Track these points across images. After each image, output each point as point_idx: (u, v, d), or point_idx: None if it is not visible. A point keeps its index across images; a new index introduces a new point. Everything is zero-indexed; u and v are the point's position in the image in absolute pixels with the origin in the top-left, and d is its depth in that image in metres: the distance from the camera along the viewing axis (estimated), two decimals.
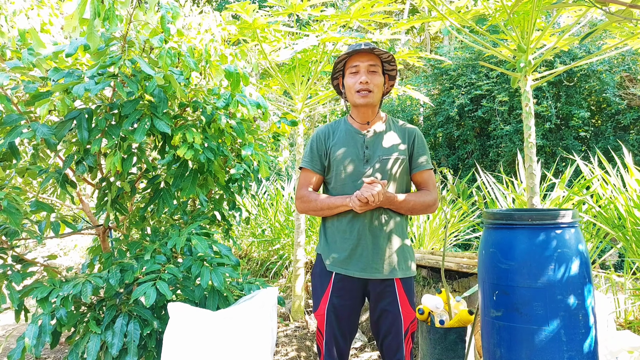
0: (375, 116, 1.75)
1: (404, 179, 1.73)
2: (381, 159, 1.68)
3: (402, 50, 3.52)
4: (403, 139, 1.73)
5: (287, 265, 4.71)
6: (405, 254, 1.72)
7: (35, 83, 1.92)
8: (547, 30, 2.59)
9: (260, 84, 4.19)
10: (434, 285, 3.09)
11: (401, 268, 1.69)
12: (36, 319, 1.72)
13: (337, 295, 1.69)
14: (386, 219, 1.68)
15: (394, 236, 1.69)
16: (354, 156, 1.70)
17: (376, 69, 1.67)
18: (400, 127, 1.76)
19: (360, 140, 1.72)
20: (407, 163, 1.72)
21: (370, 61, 1.67)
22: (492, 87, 6.42)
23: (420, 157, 1.73)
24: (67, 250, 6.46)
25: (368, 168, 1.68)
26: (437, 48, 12.31)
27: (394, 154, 1.69)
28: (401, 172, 1.70)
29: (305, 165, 1.79)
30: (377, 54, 1.68)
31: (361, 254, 1.66)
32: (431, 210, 1.73)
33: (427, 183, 1.73)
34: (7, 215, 1.69)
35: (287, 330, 3.33)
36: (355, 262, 1.66)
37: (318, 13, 3.24)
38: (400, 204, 1.65)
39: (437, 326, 2.31)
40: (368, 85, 1.66)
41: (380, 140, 1.72)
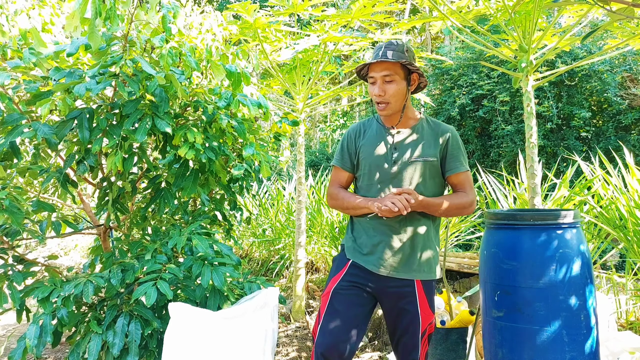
0: (405, 118, 1.71)
1: (436, 181, 1.69)
2: (410, 161, 1.65)
3: None
4: (435, 140, 1.69)
5: (288, 265, 4.71)
6: (429, 257, 1.69)
7: (36, 82, 1.92)
8: (549, 30, 2.58)
9: (261, 84, 4.19)
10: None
11: (423, 270, 1.67)
12: (37, 318, 1.72)
13: (349, 280, 1.66)
14: (414, 222, 1.65)
15: (420, 239, 1.66)
16: (382, 157, 1.68)
17: (392, 77, 1.62)
18: (433, 128, 1.71)
19: (390, 141, 1.70)
20: (439, 165, 1.68)
21: (384, 71, 1.61)
22: (493, 87, 6.41)
23: (455, 159, 1.68)
24: (68, 250, 6.46)
25: (395, 170, 1.66)
26: (438, 48, 12.30)
27: (423, 157, 1.65)
28: (431, 174, 1.67)
29: (336, 163, 1.80)
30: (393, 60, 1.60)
31: (383, 252, 1.65)
32: (468, 211, 1.70)
33: (463, 185, 1.69)
34: (9, 215, 1.69)
35: (288, 330, 3.33)
36: (376, 258, 1.65)
37: (319, 13, 3.23)
38: (433, 207, 1.62)
39: (439, 326, 2.30)
40: (383, 98, 1.63)
41: (411, 142, 1.69)
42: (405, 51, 1.62)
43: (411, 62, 1.61)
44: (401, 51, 1.61)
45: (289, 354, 2.91)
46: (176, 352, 1.59)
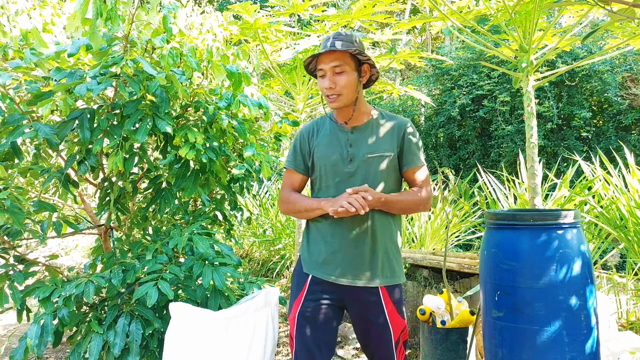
0: (358, 113, 1.61)
1: (394, 177, 1.60)
2: (366, 157, 1.56)
3: (404, 50, 3.52)
4: (392, 134, 1.59)
5: (289, 265, 4.71)
6: (391, 259, 1.58)
7: (37, 83, 1.92)
8: (549, 30, 2.58)
9: (262, 84, 4.19)
10: (435, 286, 3.09)
11: (385, 275, 1.55)
12: (38, 318, 1.72)
13: (312, 299, 1.55)
14: (372, 222, 1.54)
15: (380, 240, 1.55)
16: (337, 155, 1.58)
17: (343, 68, 1.52)
18: (389, 122, 1.62)
19: (344, 138, 1.60)
20: (397, 160, 1.59)
21: (334, 62, 1.52)
22: (493, 87, 6.42)
23: (412, 153, 1.59)
24: (69, 250, 6.47)
25: (352, 168, 1.56)
26: (439, 48, 12.30)
27: (380, 152, 1.56)
28: (389, 170, 1.57)
29: (288, 165, 1.70)
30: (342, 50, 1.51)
31: (342, 259, 1.53)
32: (424, 208, 1.61)
33: (419, 180, 1.59)
34: (10, 215, 1.69)
35: (288, 330, 3.34)
36: (335, 266, 1.54)
37: (319, 13, 3.24)
38: (392, 204, 1.52)
39: (439, 326, 2.31)
40: (334, 90, 1.53)
41: (366, 137, 1.59)
42: (354, 41, 1.54)
43: (361, 52, 1.52)
44: (350, 41, 1.52)
45: (289, 354, 2.91)
46: (177, 352, 1.60)
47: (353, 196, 1.43)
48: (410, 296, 3.15)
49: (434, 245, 3.94)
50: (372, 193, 1.46)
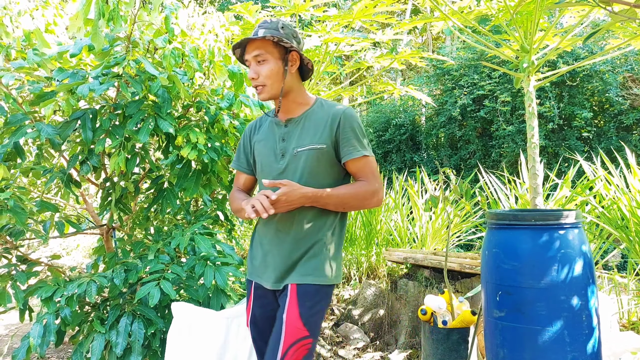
0: (293, 104, 1.49)
1: (332, 171, 1.45)
2: (296, 151, 1.43)
3: (405, 51, 3.52)
4: (326, 125, 1.44)
5: None
6: (320, 260, 1.41)
7: (40, 83, 1.93)
8: (550, 30, 2.59)
9: None
10: (436, 286, 3.09)
11: (301, 273, 1.39)
12: (41, 318, 1.73)
13: (258, 305, 1.47)
14: (299, 220, 1.41)
15: (310, 239, 1.41)
16: (271, 151, 1.49)
17: (264, 56, 1.42)
18: (326, 111, 1.47)
19: (279, 133, 1.49)
20: (333, 152, 1.44)
21: (255, 50, 1.42)
22: (494, 87, 6.42)
23: (348, 143, 1.43)
24: (70, 250, 6.47)
25: (283, 164, 1.45)
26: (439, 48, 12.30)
27: (309, 145, 1.43)
28: (324, 164, 1.43)
29: (232, 165, 1.63)
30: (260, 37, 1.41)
31: (273, 262, 1.43)
32: (372, 203, 1.45)
33: (362, 172, 1.44)
34: (13, 215, 1.70)
35: None
36: (269, 271, 1.44)
37: (321, 13, 3.24)
38: (324, 199, 1.38)
39: (440, 326, 2.31)
40: (257, 81, 1.44)
41: (298, 130, 1.47)
42: (281, 28, 1.43)
43: (282, 39, 1.40)
44: (274, 28, 1.42)
45: None
46: (179, 351, 1.60)
47: (255, 197, 1.32)
48: (412, 296, 3.15)
49: (435, 245, 3.94)
50: (291, 190, 1.33)
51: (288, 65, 1.45)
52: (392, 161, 8.13)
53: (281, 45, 1.43)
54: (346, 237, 4.31)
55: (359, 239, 4.25)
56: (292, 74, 1.47)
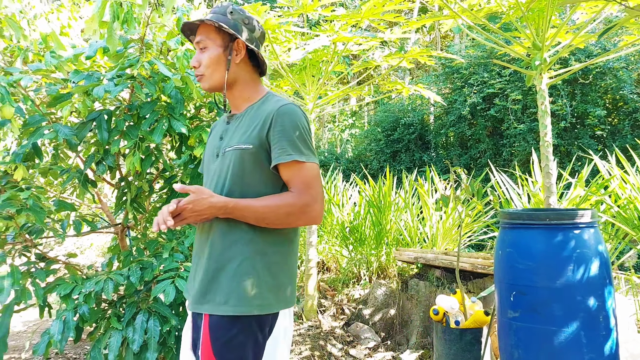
0: (240, 99, 1.33)
1: (261, 177, 1.22)
2: (225, 151, 1.25)
3: (413, 49, 3.51)
4: (257, 122, 1.24)
5: (299, 264, 4.73)
6: (237, 283, 1.16)
7: (56, 85, 1.96)
8: (563, 27, 2.56)
9: (271, 85, 4.21)
10: (448, 286, 3.08)
11: (215, 300, 1.16)
12: (60, 314, 1.76)
13: (187, 326, 1.29)
14: (220, 235, 1.20)
15: (226, 258, 1.18)
16: (210, 151, 1.35)
17: (205, 43, 1.28)
18: (265, 107, 1.27)
19: (221, 130, 1.34)
20: (262, 154, 1.21)
21: (198, 37, 1.29)
22: (505, 85, 6.37)
23: (278, 145, 1.19)
24: (84, 249, 6.56)
25: (216, 164, 1.28)
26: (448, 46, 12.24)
27: (236, 145, 1.23)
28: (249, 167, 1.21)
29: (200, 168, 1.47)
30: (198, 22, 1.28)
31: (194, 279, 1.25)
32: (301, 219, 1.20)
33: (292, 181, 1.20)
34: (32, 214, 1.73)
35: (301, 329, 3.35)
36: (190, 285, 1.28)
37: (329, 13, 3.24)
38: (239, 211, 1.16)
39: (453, 327, 2.30)
40: (197, 69, 1.30)
41: (236, 127, 1.29)
42: (229, 13, 1.27)
43: (222, 25, 1.24)
44: (222, 13, 1.27)
45: (302, 353, 2.92)
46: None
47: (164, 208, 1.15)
48: (423, 296, 3.15)
49: (445, 245, 3.93)
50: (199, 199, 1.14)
51: (232, 54, 1.28)
52: (400, 161, 8.11)
53: (226, 32, 1.27)
54: (355, 237, 4.31)
55: (369, 238, 4.25)
56: (239, 64, 1.29)
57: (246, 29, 1.29)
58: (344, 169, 8.26)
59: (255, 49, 1.30)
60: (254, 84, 1.34)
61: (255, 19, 1.32)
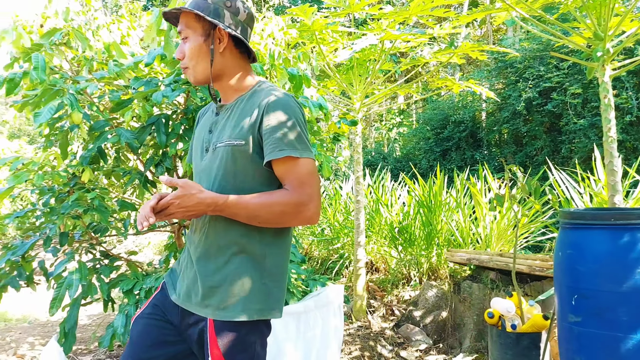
0: (229, 89, 1.24)
1: (255, 174, 1.15)
2: (214, 147, 1.19)
3: (464, 45, 3.41)
4: (249, 116, 1.16)
5: (348, 264, 4.72)
6: (238, 287, 1.11)
7: (118, 91, 2.08)
8: (627, 15, 2.40)
9: (318, 85, 4.25)
10: (503, 289, 2.97)
11: (219, 306, 1.11)
12: (123, 309, 1.86)
13: (154, 303, 1.25)
14: (216, 233, 1.15)
15: (224, 258, 1.14)
16: (199, 144, 1.27)
17: (187, 33, 1.19)
18: (256, 99, 1.18)
19: (210, 122, 1.26)
20: (255, 150, 1.14)
21: (180, 26, 1.21)
22: (563, 79, 6.04)
23: (271, 140, 1.11)
24: (142, 247, 6.92)
25: (205, 160, 1.22)
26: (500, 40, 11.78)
27: (227, 140, 1.16)
28: (241, 163, 1.14)
29: (187, 159, 1.42)
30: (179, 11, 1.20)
31: (183, 271, 1.23)
32: (296, 219, 1.13)
33: (286, 177, 1.12)
34: (98, 214, 1.85)
35: (350, 329, 3.35)
36: (182, 282, 1.22)
37: (376, 12, 3.22)
38: (230, 208, 1.10)
39: (509, 330, 2.22)
40: (182, 62, 1.22)
41: (226, 119, 1.21)
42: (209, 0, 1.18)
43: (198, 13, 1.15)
44: None
45: (352, 353, 2.92)
46: None
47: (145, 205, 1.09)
48: (476, 299, 3.05)
49: (500, 246, 3.78)
50: (187, 194, 1.07)
51: (215, 43, 1.18)
52: (451, 159, 7.91)
53: (207, 20, 1.16)
54: (405, 237, 4.25)
55: (419, 239, 4.18)
56: (223, 53, 1.19)
57: (229, 12, 1.18)
58: (391, 169, 8.16)
59: (240, 35, 1.18)
60: (244, 72, 1.24)
61: (239, 0, 1.20)
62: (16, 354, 3.14)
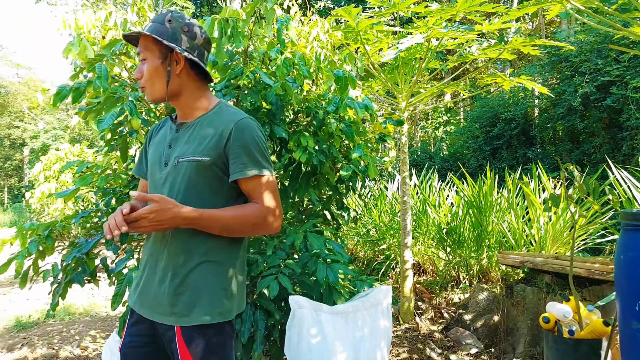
0: (188, 108, 1.30)
1: (218, 188, 1.24)
2: (177, 161, 1.24)
3: (515, 39, 3.29)
4: (214, 135, 1.23)
5: (394, 266, 4.68)
6: (200, 294, 1.19)
7: None
8: None
9: (363, 85, 4.24)
10: (559, 292, 2.84)
11: (184, 313, 1.18)
12: None
13: (130, 334, 1.29)
14: (180, 244, 1.21)
15: (187, 267, 1.20)
16: (157, 158, 1.32)
17: (145, 55, 1.26)
18: (220, 120, 1.26)
19: (169, 138, 1.31)
20: (219, 167, 1.23)
21: (138, 48, 1.27)
22: (623, 72, 5.68)
23: (239, 160, 1.22)
24: None
25: (164, 173, 1.27)
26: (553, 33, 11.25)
27: (190, 156, 1.22)
28: (205, 179, 1.22)
29: (134, 170, 1.48)
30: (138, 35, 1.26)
31: (145, 284, 1.26)
32: (264, 229, 1.24)
33: (254, 193, 1.23)
34: None
35: (398, 331, 3.32)
36: (144, 295, 1.25)
37: (422, 10, 3.18)
38: (204, 221, 1.17)
39: (566, 336, 2.13)
40: (140, 82, 1.28)
41: (186, 137, 1.27)
42: (167, 22, 1.23)
43: (156, 37, 1.21)
44: (160, 22, 1.24)
45: (400, 355, 2.90)
46: (297, 342, 1.70)
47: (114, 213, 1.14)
48: (530, 303, 2.94)
49: (556, 248, 3.62)
50: (163, 208, 1.11)
51: (172, 65, 1.25)
52: (501, 158, 7.64)
53: (164, 43, 1.23)
54: (453, 239, 4.16)
55: (468, 240, 4.07)
56: (180, 75, 1.26)
57: (186, 37, 1.25)
58: (438, 168, 8.00)
59: (196, 58, 1.26)
60: (201, 92, 1.31)
61: (196, 25, 1.28)
62: (80, 346, 3.36)
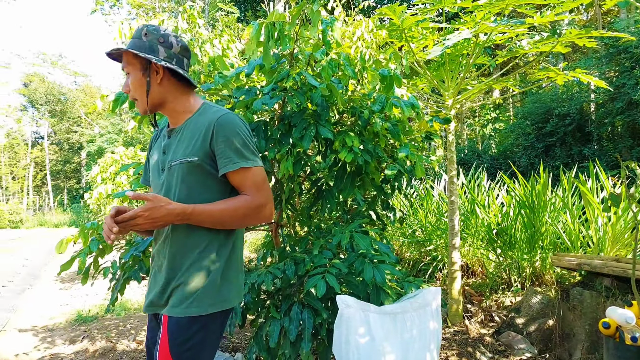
0: (175, 114, 1.39)
1: (210, 185, 1.31)
2: (170, 165, 1.33)
3: (569, 31, 3.13)
4: (199, 135, 1.30)
5: (441, 267, 4.58)
6: (196, 286, 1.26)
7: (223, 101, 2.26)
8: None
9: (407, 84, 4.18)
10: (620, 297, 2.68)
11: (174, 304, 1.26)
12: None
13: (149, 329, 1.39)
14: (177, 239, 1.30)
15: (184, 262, 1.28)
16: (156, 165, 1.41)
17: (128, 69, 1.34)
18: (204, 119, 1.33)
19: (163, 144, 1.40)
20: (208, 164, 1.30)
21: (123, 64, 1.35)
22: None
23: (224, 155, 1.28)
24: None
25: (162, 178, 1.36)
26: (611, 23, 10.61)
27: (181, 159, 1.31)
28: (198, 179, 1.30)
29: (141, 180, 1.57)
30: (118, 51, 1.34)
31: (151, 283, 1.36)
32: (256, 219, 1.31)
33: (243, 185, 1.30)
34: None
35: (446, 334, 3.25)
36: (150, 293, 1.34)
37: (469, 5, 3.09)
38: (197, 216, 1.24)
39: (629, 343, 2.00)
40: (130, 95, 1.37)
41: (176, 141, 1.36)
42: (144, 35, 1.32)
43: (133, 51, 1.29)
44: (137, 37, 1.33)
45: (449, 358, 2.84)
46: (344, 341, 1.70)
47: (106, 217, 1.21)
48: (588, 307, 2.79)
49: (616, 250, 3.41)
50: (156, 206, 1.19)
51: (152, 75, 1.33)
52: (555, 156, 7.29)
53: (142, 56, 1.32)
54: (504, 240, 4.02)
55: (520, 241, 3.92)
56: (161, 84, 1.35)
57: (162, 47, 1.33)
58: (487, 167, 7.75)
59: (174, 66, 1.33)
60: (186, 97, 1.39)
61: (171, 35, 1.36)
62: (136, 340, 3.53)
